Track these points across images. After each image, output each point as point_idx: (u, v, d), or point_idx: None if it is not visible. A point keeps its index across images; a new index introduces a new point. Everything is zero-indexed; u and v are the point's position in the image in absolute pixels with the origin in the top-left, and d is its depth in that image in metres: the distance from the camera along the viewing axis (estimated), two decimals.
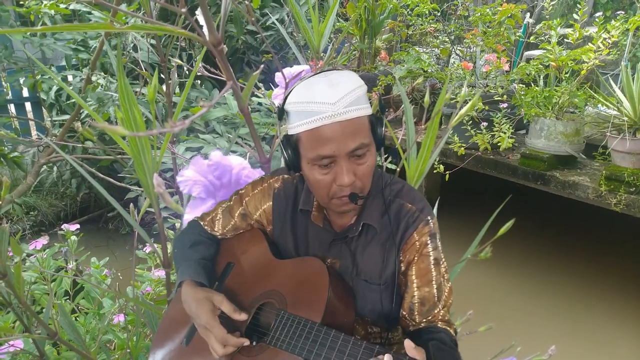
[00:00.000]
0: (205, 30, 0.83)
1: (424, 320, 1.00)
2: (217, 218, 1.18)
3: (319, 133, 0.89)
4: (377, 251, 1.02)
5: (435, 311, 1.00)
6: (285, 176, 1.13)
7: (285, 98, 0.94)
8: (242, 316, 0.98)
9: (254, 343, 0.98)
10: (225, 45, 0.83)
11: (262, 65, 1.24)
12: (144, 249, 2.12)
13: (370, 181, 0.99)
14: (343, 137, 0.89)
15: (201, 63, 1.32)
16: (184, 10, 0.64)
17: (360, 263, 1.03)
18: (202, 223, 1.20)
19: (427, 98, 0.99)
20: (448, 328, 1.00)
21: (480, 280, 3.38)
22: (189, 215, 1.31)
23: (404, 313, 1.02)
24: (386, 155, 2.66)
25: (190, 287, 1.04)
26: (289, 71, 1.22)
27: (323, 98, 0.88)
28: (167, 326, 1.14)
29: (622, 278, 3.46)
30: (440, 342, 0.93)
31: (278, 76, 1.26)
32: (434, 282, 0.99)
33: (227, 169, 1.34)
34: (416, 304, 0.99)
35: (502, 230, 0.76)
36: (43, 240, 1.93)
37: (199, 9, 0.83)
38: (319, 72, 0.94)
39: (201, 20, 0.82)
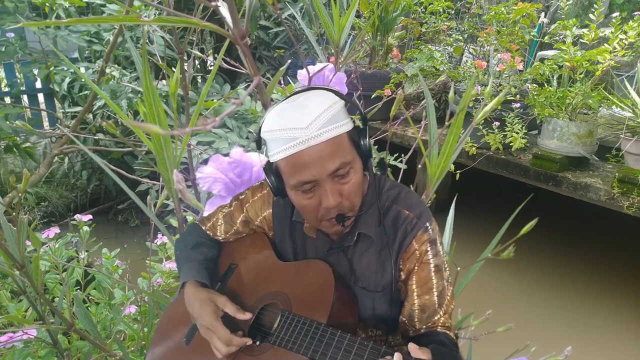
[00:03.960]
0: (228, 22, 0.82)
1: (424, 326, 0.99)
2: (219, 223, 1.18)
3: (296, 159, 0.87)
4: (374, 259, 1.01)
5: (436, 317, 0.99)
6: None
7: (260, 126, 0.92)
8: (245, 316, 0.98)
9: (257, 343, 0.98)
10: (248, 39, 0.83)
11: (289, 61, 1.23)
12: (155, 241, 2.13)
13: (360, 197, 0.97)
14: (321, 160, 0.87)
15: (215, 56, 1.31)
16: (214, 3, 0.64)
17: (357, 271, 1.02)
18: (203, 228, 1.20)
19: (451, 94, 0.98)
20: (448, 332, 0.99)
21: (491, 280, 3.37)
22: (208, 213, 1.31)
23: (404, 319, 1.01)
24: (396, 155, 2.66)
25: (193, 288, 1.04)
26: (311, 69, 1.21)
27: (294, 123, 0.86)
28: (166, 326, 1.14)
29: (636, 282, 3.44)
30: (440, 344, 0.92)
31: (301, 74, 1.26)
32: (434, 290, 0.98)
33: (247, 166, 1.33)
34: (416, 311, 0.99)
35: (525, 229, 0.76)
36: (55, 229, 1.94)
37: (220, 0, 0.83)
38: (289, 97, 0.92)
39: (224, 12, 0.81)
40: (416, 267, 0.98)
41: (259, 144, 0.95)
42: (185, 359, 1.04)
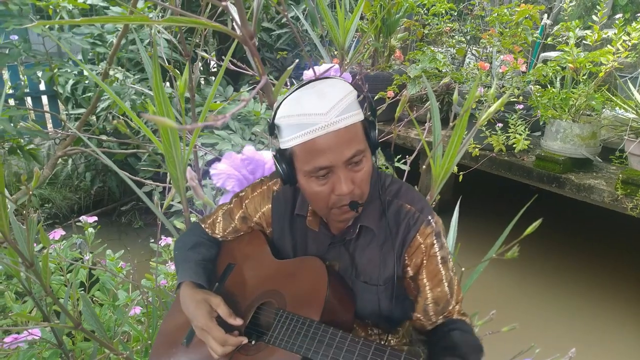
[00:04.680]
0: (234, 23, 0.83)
1: (441, 317, 1.01)
2: (218, 221, 1.19)
3: (314, 145, 0.88)
4: (376, 253, 1.01)
5: (450, 307, 1.01)
6: None
7: (275, 112, 0.93)
8: (237, 321, 0.99)
9: (253, 342, 0.98)
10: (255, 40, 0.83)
11: (296, 60, 1.24)
12: (160, 242, 2.14)
13: (369, 186, 0.98)
14: (338, 146, 0.88)
15: (222, 57, 1.32)
16: (224, 3, 0.64)
17: (359, 265, 1.02)
18: (203, 226, 1.21)
19: (455, 95, 0.98)
20: (464, 318, 1.01)
21: (495, 282, 3.36)
22: None
23: (418, 315, 1.02)
24: (399, 156, 2.66)
25: (189, 289, 1.05)
26: (316, 70, 1.23)
27: (314, 109, 0.86)
28: (167, 327, 1.15)
29: (639, 284, 3.43)
30: (463, 331, 0.96)
31: (306, 74, 1.27)
32: (444, 281, 1.00)
33: (259, 163, 1.36)
34: (430, 305, 1.00)
35: (529, 229, 0.76)
36: (60, 231, 1.95)
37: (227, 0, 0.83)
38: (306, 84, 0.92)
39: (233, 13, 0.82)
40: (424, 261, 0.99)
41: (271, 130, 0.95)
42: (186, 359, 1.05)
